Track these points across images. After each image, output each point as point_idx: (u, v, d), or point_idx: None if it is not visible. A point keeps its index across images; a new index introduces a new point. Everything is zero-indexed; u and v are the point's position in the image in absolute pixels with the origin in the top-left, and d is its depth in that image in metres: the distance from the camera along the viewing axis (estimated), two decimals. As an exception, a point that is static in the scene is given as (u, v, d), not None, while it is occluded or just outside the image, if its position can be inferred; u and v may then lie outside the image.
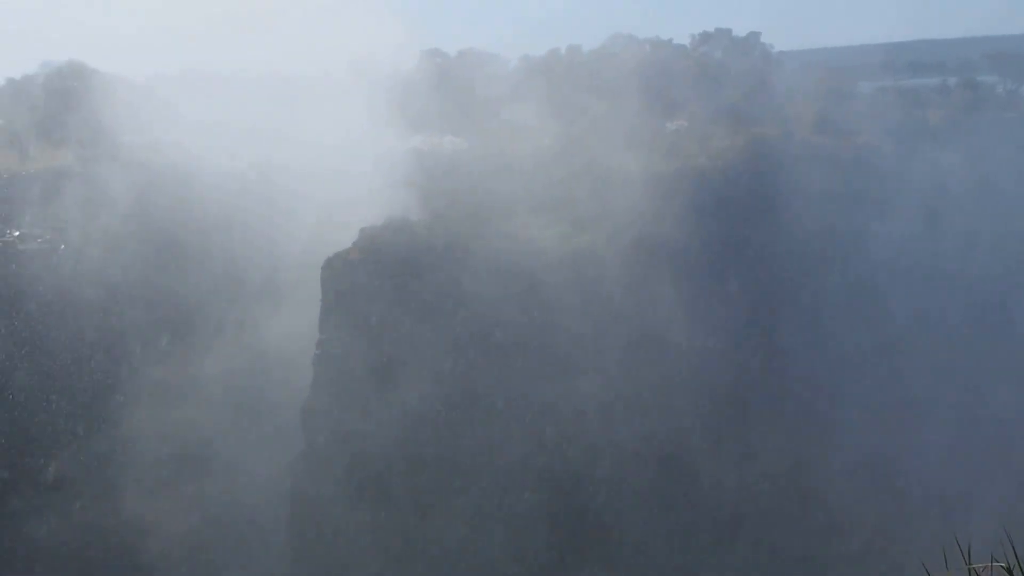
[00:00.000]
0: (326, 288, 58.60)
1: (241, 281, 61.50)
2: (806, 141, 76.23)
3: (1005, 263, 77.50)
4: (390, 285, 58.93)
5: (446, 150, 64.13)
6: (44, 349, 55.85)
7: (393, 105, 63.02)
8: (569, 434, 57.49)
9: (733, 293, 65.27)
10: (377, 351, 58.16)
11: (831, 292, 69.97)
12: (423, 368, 57.06)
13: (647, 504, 58.54)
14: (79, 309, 56.50)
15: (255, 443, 56.50)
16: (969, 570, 8.48)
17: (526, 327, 56.77)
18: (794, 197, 69.21)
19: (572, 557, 56.88)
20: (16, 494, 52.97)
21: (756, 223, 68.69)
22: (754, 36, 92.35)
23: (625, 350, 57.96)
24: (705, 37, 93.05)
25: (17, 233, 58.94)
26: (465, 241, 58.36)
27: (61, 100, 63.49)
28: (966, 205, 77.24)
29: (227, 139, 60.78)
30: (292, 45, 72.63)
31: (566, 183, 62.19)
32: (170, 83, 67.75)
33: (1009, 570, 8.64)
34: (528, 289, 57.23)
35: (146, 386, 55.84)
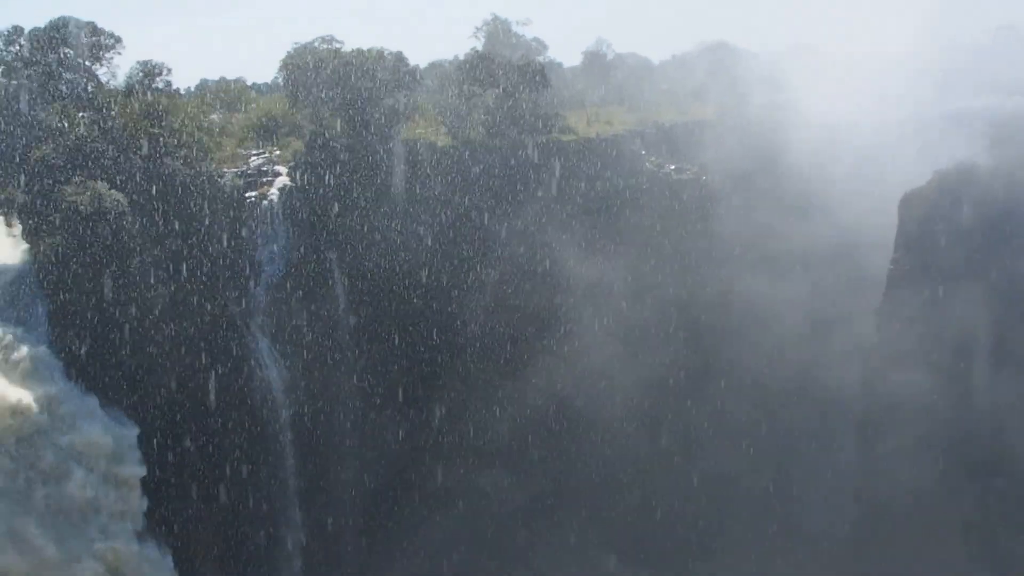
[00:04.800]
0: (902, 217, 75.90)
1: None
2: None
3: None
4: (955, 217, 74.66)
5: (1011, 110, 77.35)
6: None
7: (964, 72, 77.67)
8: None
9: None
10: (939, 267, 74.51)
11: None
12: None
13: None
14: (721, 221, 79.71)
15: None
16: None
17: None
18: None
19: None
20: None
21: None
22: None
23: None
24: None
25: (673, 167, 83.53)
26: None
27: (706, 70, 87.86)
28: None
29: (821, 101, 79.26)
30: (871, 23, 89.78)
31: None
32: (781, 56, 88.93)
33: None
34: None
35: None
